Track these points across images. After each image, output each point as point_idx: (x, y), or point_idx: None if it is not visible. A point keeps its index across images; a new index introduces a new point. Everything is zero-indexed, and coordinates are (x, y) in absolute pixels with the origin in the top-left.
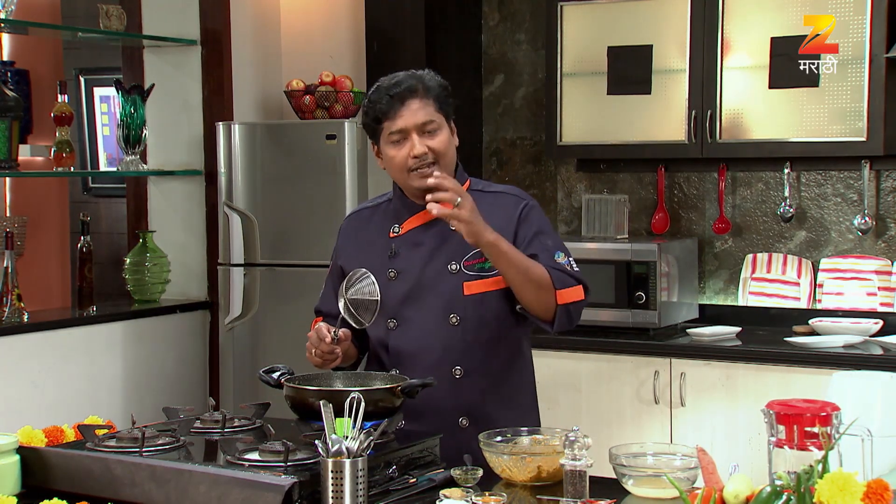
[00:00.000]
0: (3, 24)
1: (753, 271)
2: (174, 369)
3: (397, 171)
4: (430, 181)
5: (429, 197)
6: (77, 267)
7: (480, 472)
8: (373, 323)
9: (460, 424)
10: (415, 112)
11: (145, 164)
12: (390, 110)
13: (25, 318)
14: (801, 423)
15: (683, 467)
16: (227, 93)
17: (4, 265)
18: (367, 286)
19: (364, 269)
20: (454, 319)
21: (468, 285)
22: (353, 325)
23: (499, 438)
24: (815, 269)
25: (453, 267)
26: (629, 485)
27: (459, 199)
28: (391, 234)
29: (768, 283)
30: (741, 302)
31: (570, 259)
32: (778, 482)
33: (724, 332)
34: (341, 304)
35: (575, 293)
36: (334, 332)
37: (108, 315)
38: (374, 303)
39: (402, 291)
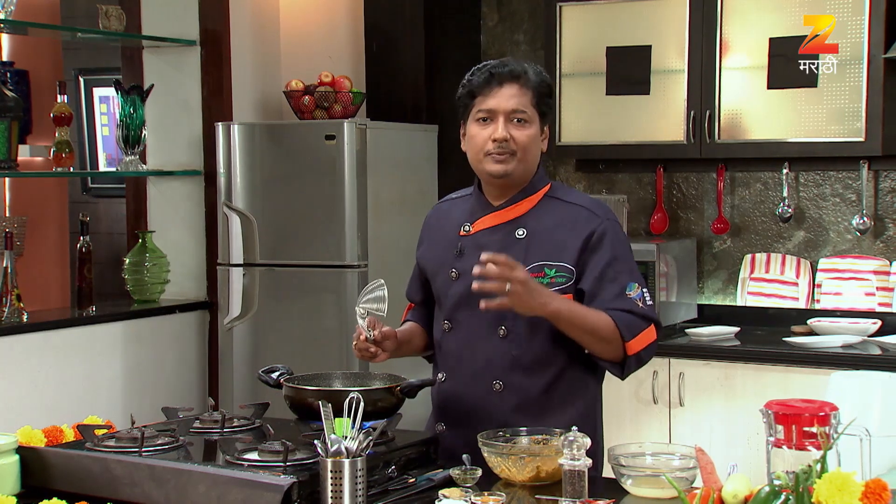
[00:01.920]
0: (2, 25)
1: (752, 271)
2: (173, 369)
3: (475, 151)
4: (475, 270)
5: (475, 286)
6: (76, 267)
7: (479, 472)
8: (437, 321)
9: None
10: (509, 97)
11: (145, 164)
12: (486, 87)
13: (25, 318)
14: (800, 423)
15: (682, 467)
16: (226, 93)
17: (4, 265)
18: (376, 297)
19: (381, 281)
20: (502, 331)
21: None
22: (366, 333)
23: (498, 438)
24: (814, 270)
25: None
26: (628, 485)
27: (509, 286)
28: (461, 233)
29: (767, 283)
30: (740, 302)
31: (644, 291)
32: (776, 482)
33: (722, 332)
34: (358, 312)
35: (645, 338)
36: (368, 330)
37: (108, 315)
38: (380, 317)
39: (459, 293)
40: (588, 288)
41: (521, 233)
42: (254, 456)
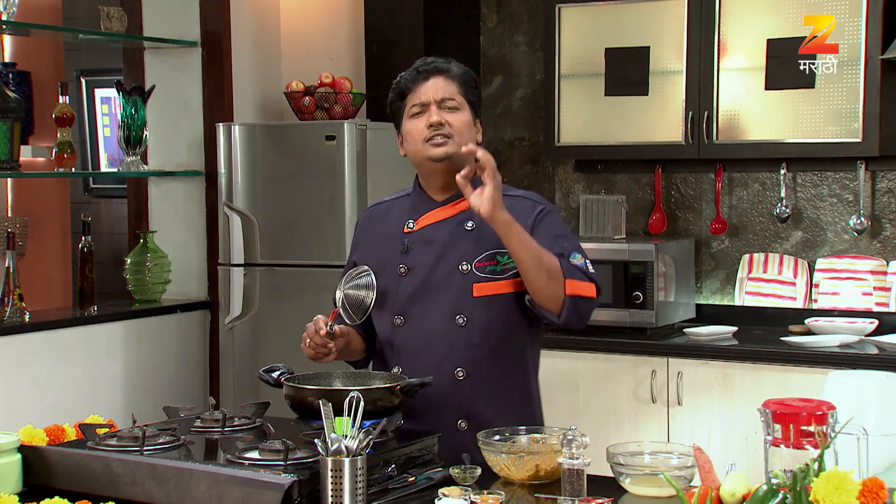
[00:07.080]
0: (4, 26)
1: (750, 271)
2: (174, 369)
3: (414, 144)
4: (464, 149)
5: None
6: (78, 267)
7: (479, 471)
8: (381, 318)
9: (459, 427)
10: (436, 88)
11: (146, 164)
12: (414, 84)
13: (27, 317)
14: (798, 422)
15: (680, 466)
16: (227, 94)
17: (6, 265)
18: (364, 283)
19: (366, 267)
20: (461, 320)
21: (478, 287)
22: (346, 320)
23: (497, 437)
24: (811, 269)
25: (464, 267)
26: (626, 483)
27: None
28: (405, 230)
29: (765, 282)
30: (738, 302)
31: (587, 262)
32: (774, 481)
33: (720, 331)
34: (338, 297)
35: (585, 288)
36: (329, 325)
37: (109, 315)
38: (369, 299)
39: (411, 288)
40: None
41: (469, 225)
42: (254, 455)
